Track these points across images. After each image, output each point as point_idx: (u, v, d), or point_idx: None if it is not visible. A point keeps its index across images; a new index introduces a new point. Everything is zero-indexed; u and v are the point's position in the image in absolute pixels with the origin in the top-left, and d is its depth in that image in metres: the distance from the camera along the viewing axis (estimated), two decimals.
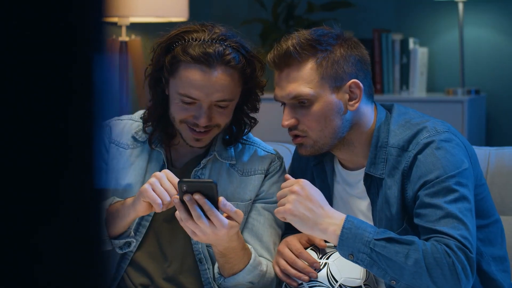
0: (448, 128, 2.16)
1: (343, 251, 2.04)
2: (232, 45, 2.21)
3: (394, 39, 4.65)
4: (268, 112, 4.73)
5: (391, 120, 2.19)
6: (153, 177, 2.12)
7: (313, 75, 2.12)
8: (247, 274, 2.22)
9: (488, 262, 2.19)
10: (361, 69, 2.16)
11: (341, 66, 2.13)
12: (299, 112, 2.15)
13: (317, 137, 2.15)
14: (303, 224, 2.05)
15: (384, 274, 2.01)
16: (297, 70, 2.13)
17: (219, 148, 2.34)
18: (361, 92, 2.15)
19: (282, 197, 2.08)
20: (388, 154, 2.15)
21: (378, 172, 2.16)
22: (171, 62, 2.22)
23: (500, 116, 4.71)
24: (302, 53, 2.12)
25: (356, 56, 2.16)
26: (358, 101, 2.15)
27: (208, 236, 2.07)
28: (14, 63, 0.74)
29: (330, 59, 2.12)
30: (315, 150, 2.18)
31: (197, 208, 2.04)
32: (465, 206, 2.04)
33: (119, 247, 2.23)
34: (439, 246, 1.99)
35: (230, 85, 2.21)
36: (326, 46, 2.13)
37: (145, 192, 2.09)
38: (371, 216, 2.20)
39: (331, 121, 2.14)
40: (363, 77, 2.17)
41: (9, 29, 0.73)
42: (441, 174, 2.06)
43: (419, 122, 2.16)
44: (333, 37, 2.15)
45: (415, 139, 2.13)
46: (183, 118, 2.24)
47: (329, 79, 2.13)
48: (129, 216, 2.16)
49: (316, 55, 2.12)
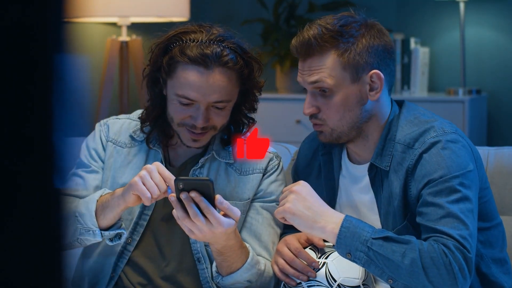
0: (456, 130, 2.15)
1: (341, 249, 2.04)
2: (229, 46, 2.21)
3: (395, 38, 4.65)
4: (268, 112, 4.75)
5: (400, 116, 2.18)
6: (143, 170, 2.12)
7: (335, 66, 2.12)
8: (245, 272, 2.22)
9: (488, 265, 2.18)
10: (384, 58, 2.14)
11: (363, 57, 2.11)
12: (320, 100, 2.14)
13: (335, 126, 2.15)
14: (302, 222, 2.06)
15: (381, 273, 2.02)
16: (319, 61, 2.12)
17: (217, 147, 2.34)
18: (382, 82, 2.13)
19: (283, 199, 2.10)
20: (394, 149, 2.15)
21: (383, 164, 2.15)
22: (169, 63, 2.22)
23: (501, 116, 4.71)
24: (323, 45, 2.11)
25: (379, 46, 2.13)
26: (379, 91, 2.14)
27: (205, 234, 2.07)
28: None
29: (352, 51, 2.11)
30: (334, 138, 2.18)
31: (193, 206, 2.04)
32: (467, 207, 2.04)
33: (109, 239, 2.22)
34: (436, 246, 1.98)
35: (227, 86, 2.21)
36: (349, 37, 2.11)
37: (135, 185, 2.09)
38: (375, 209, 2.20)
39: (350, 111, 2.14)
40: (385, 67, 2.14)
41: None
42: (445, 173, 2.06)
43: (427, 120, 2.16)
44: (356, 27, 2.12)
45: (421, 137, 2.12)
46: (180, 121, 2.24)
47: (351, 70, 2.12)
48: (118, 206, 2.16)
49: (338, 47, 2.11)
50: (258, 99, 2.34)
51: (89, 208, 2.20)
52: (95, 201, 2.21)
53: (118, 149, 2.37)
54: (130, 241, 2.32)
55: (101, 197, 2.22)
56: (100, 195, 2.23)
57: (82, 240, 2.22)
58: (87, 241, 2.22)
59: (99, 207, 2.20)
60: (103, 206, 2.19)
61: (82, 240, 2.22)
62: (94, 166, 2.37)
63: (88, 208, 2.20)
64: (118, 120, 2.43)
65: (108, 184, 2.33)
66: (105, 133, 2.40)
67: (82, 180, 2.35)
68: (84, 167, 2.37)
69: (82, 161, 2.39)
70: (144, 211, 2.32)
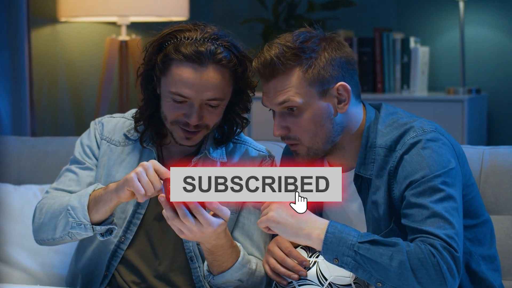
0: (435, 128, 2.15)
1: (328, 255, 2.03)
2: (223, 44, 2.23)
3: (395, 38, 4.65)
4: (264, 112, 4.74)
5: (379, 120, 2.18)
6: (140, 167, 2.12)
7: (300, 83, 2.11)
8: (236, 272, 2.22)
9: (478, 262, 2.18)
10: (347, 70, 2.15)
11: (327, 71, 2.12)
12: (289, 120, 2.14)
13: (310, 144, 2.15)
14: (286, 230, 2.05)
15: (369, 276, 2.01)
16: (284, 80, 2.12)
17: (210, 147, 2.35)
18: (349, 94, 2.14)
19: (265, 208, 2.09)
20: (376, 155, 2.15)
21: (368, 173, 2.15)
22: (163, 60, 2.23)
23: (501, 115, 4.70)
24: (286, 63, 2.11)
25: (341, 58, 2.14)
26: (347, 103, 2.15)
27: (195, 234, 2.08)
28: None
29: (315, 66, 2.11)
30: (310, 157, 2.18)
31: (182, 206, 2.05)
32: (451, 206, 2.03)
33: (100, 234, 2.23)
34: (423, 247, 1.98)
35: (221, 84, 2.22)
36: (310, 53, 2.11)
37: (131, 181, 2.10)
38: (363, 216, 2.20)
39: (322, 127, 2.14)
40: (350, 78, 2.15)
41: None
42: (427, 173, 2.05)
43: (406, 122, 2.16)
44: (316, 42, 2.13)
45: (402, 139, 2.12)
46: (174, 119, 2.25)
47: (316, 85, 2.12)
48: (111, 201, 2.17)
49: (301, 64, 2.11)
50: (251, 99, 2.35)
51: (82, 202, 2.21)
52: (88, 195, 2.22)
53: (112, 147, 2.38)
54: (123, 239, 2.33)
55: (94, 191, 2.23)
56: (93, 189, 2.24)
57: (73, 234, 2.23)
58: (78, 235, 2.23)
59: (91, 201, 2.21)
60: (96, 200, 2.20)
61: (73, 234, 2.23)
62: (88, 163, 2.38)
63: (80, 202, 2.21)
64: (113, 119, 2.44)
65: (102, 182, 2.34)
66: (100, 131, 2.41)
67: (75, 176, 2.36)
68: (78, 163, 2.39)
69: (76, 157, 2.40)
70: (138, 210, 2.33)
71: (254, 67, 2.15)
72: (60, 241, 2.28)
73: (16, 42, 4.04)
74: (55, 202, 2.28)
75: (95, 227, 2.21)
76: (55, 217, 2.25)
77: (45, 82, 4.54)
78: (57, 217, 2.25)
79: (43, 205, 2.31)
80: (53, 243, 2.31)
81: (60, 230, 2.24)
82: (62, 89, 4.62)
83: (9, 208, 2.76)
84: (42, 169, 2.85)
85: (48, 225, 2.27)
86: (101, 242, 2.33)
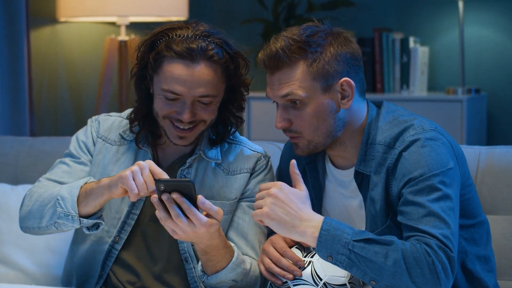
0: (435, 127, 2.15)
1: (322, 253, 2.02)
2: (215, 41, 2.23)
3: (394, 38, 4.65)
4: (261, 111, 4.75)
5: (379, 117, 2.19)
6: (136, 166, 2.12)
7: (305, 76, 2.12)
8: (230, 272, 2.22)
9: (473, 261, 2.18)
10: (353, 65, 2.15)
11: (332, 66, 2.12)
12: (292, 113, 2.14)
13: (311, 137, 2.16)
14: (280, 227, 2.04)
15: (363, 275, 2.01)
16: (288, 73, 2.12)
17: (205, 147, 2.35)
18: (353, 90, 2.14)
19: (260, 199, 2.07)
20: (376, 151, 2.15)
21: (367, 170, 2.16)
22: (155, 58, 2.24)
23: (500, 115, 4.70)
24: (291, 56, 2.11)
25: (347, 54, 2.14)
26: (350, 99, 2.15)
27: (188, 235, 2.08)
28: None
29: (320, 60, 2.11)
30: (310, 150, 2.18)
31: (175, 207, 2.05)
32: (448, 205, 2.03)
33: (86, 228, 2.23)
34: (418, 246, 1.98)
35: (213, 80, 2.23)
36: (316, 47, 2.12)
37: (125, 179, 2.10)
38: (364, 213, 2.20)
39: (324, 121, 2.14)
40: (355, 74, 2.15)
41: None
42: (425, 172, 2.05)
43: (406, 119, 2.16)
44: (323, 36, 2.13)
45: (401, 136, 2.12)
46: (166, 113, 2.25)
47: (320, 80, 2.12)
48: (102, 196, 2.17)
49: (306, 57, 2.11)
50: (245, 98, 2.35)
51: (72, 193, 2.20)
52: (79, 187, 2.21)
53: (108, 146, 2.39)
54: (118, 240, 2.33)
55: (86, 184, 2.23)
56: (85, 182, 2.24)
57: (59, 224, 2.22)
58: (64, 226, 2.22)
59: (82, 193, 2.20)
60: (87, 193, 2.19)
61: (59, 225, 2.22)
62: (83, 158, 2.38)
63: (71, 193, 2.21)
64: (109, 118, 2.45)
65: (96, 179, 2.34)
66: (96, 129, 2.42)
67: (68, 168, 2.36)
68: (73, 157, 2.39)
69: (71, 151, 2.40)
70: (132, 210, 2.33)
71: (259, 58, 2.16)
72: (45, 231, 2.27)
73: (15, 42, 4.04)
74: (45, 191, 2.27)
75: (82, 219, 2.20)
76: (43, 206, 2.24)
77: (44, 82, 4.54)
78: (45, 206, 2.24)
79: (33, 193, 2.30)
80: (38, 232, 2.30)
81: (47, 219, 2.24)
82: (62, 89, 4.63)
83: (6, 208, 2.77)
84: (40, 169, 2.85)
85: (36, 213, 2.26)
86: (95, 241, 2.34)
